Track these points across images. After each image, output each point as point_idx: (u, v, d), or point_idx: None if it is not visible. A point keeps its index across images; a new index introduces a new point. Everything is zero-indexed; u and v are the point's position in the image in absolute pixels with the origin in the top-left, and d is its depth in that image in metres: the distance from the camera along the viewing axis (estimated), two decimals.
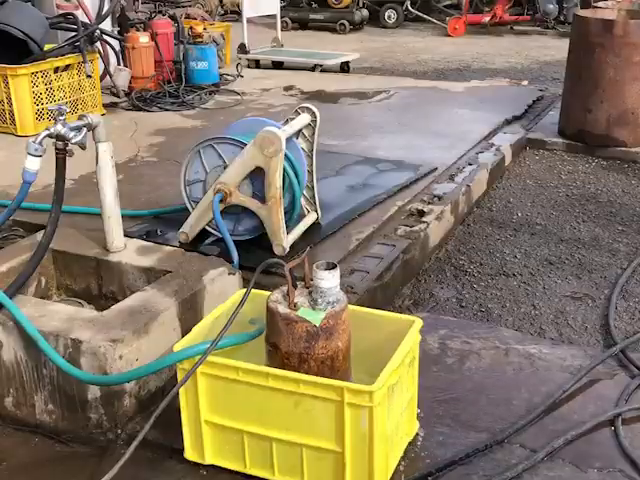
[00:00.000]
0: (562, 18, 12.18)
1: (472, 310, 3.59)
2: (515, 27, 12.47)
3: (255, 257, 3.24)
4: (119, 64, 6.89)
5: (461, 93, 7.28)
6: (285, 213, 3.39)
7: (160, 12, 7.46)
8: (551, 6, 12.15)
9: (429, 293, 3.75)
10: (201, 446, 2.44)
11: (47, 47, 5.81)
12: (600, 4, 6.65)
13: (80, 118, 3.02)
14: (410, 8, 13.17)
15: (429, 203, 4.25)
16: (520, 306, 3.61)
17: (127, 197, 3.60)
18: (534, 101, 6.95)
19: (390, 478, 2.38)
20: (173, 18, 7.29)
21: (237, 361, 2.34)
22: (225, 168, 3.38)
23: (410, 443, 2.54)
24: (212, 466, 2.45)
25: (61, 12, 6.44)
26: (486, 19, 12.29)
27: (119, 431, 2.61)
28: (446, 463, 2.43)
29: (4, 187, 4.17)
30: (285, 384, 2.24)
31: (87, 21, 6.29)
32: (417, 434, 2.58)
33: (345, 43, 10.97)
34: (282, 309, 2.31)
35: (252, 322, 2.51)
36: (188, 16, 8.83)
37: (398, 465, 2.43)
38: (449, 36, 11.95)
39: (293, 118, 3.61)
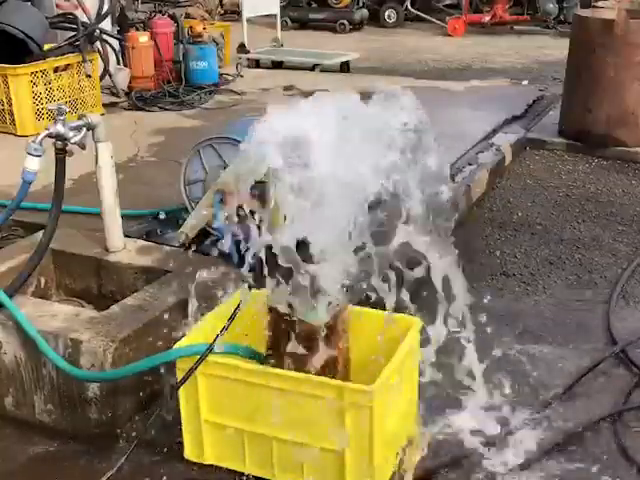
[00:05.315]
0: (562, 18, 12.15)
1: None
2: (515, 27, 12.46)
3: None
4: (119, 64, 6.88)
5: (461, 93, 7.26)
6: None
7: (160, 12, 7.45)
8: (551, 6, 12.13)
9: None
10: (201, 445, 2.43)
11: (47, 47, 5.80)
12: (600, 4, 6.62)
13: (80, 118, 3.01)
14: (410, 8, 13.15)
15: None
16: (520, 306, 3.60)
17: (127, 197, 3.59)
18: (534, 101, 6.93)
19: (390, 478, 2.38)
20: (173, 18, 7.27)
21: (237, 361, 2.34)
22: (225, 168, 3.38)
23: (410, 442, 2.53)
24: (212, 466, 2.45)
25: (61, 12, 6.43)
26: (486, 19, 12.27)
27: (118, 431, 2.61)
28: None
29: (4, 187, 4.16)
30: (285, 384, 2.24)
31: (87, 21, 6.28)
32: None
33: (345, 43, 10.96)
34: (282, 309, 2.31)
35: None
36: (188, 16, 8.80)
37: (398, 465, 2.43)
38: (449, 36, 11.93)
39: None
